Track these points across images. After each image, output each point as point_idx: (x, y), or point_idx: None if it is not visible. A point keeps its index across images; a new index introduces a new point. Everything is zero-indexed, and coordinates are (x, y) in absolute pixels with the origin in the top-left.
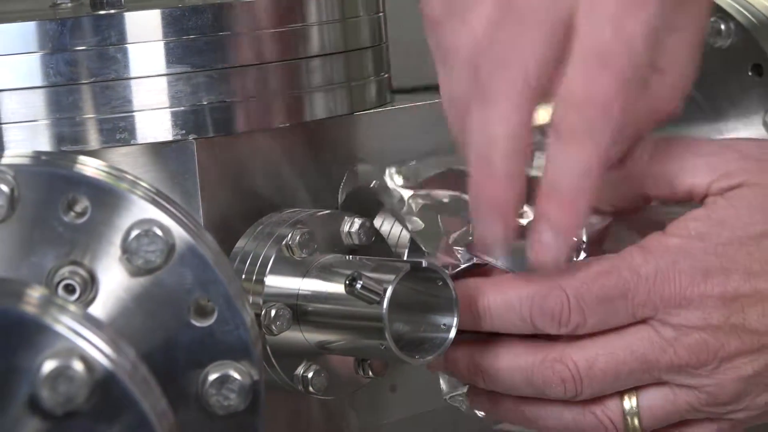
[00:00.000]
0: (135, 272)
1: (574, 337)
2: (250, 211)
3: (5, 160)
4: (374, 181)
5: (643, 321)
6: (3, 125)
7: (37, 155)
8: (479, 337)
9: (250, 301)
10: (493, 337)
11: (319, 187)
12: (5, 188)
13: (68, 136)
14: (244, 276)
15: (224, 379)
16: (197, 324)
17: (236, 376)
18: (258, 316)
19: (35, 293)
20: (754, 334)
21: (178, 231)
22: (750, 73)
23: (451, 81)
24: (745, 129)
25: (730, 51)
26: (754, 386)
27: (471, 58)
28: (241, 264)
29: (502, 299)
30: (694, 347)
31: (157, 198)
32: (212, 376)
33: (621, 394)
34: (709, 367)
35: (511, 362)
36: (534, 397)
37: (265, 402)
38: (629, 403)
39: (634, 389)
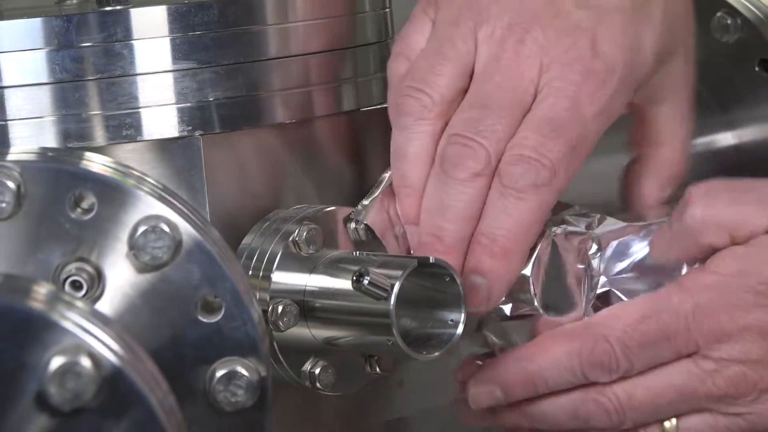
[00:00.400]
0: (142, 268)
1: None
2: (256, 208)
3: (12, 157)
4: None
5: (686, 355)
6: (9, 122)
7: (44, 151)
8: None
9: (257, 297)
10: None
11: (325, 182)
12: (12, 185)
13: (74, 133)
14: (250, 272)
15: (232, 376)
16: (204, 320)
17: (244, 372)
18: (265, 312)
19: (42, 290)
20: None
21: (185, 227)
22: (757, 69)
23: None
24: (751, 125)
25: (737, 46)
26: None
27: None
28: (247, 260)
29: (551, 361)
30: (734, 379)
31: (163, 194)
32: (220, 373)
33: (661, 421)
34: (749, 398)
35: (554, 402)
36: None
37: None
38: (670, 424)
39: (676, 417)
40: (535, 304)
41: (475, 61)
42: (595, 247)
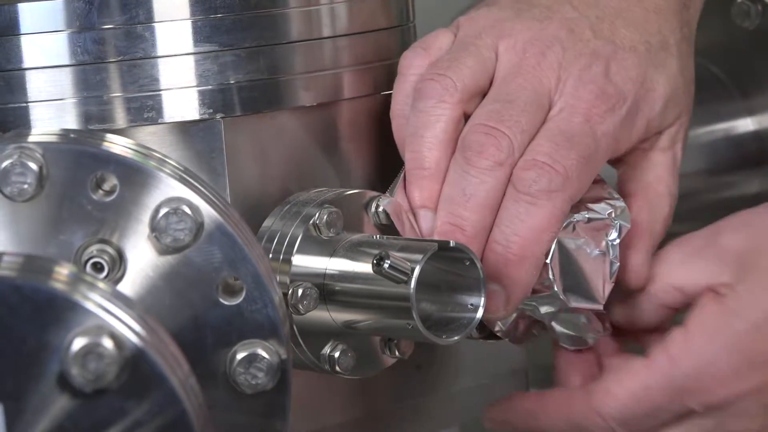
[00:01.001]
0: (163, 250)
1: None
2: (277, 190)
3: (34, 138)
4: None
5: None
6: (30, 104)
7: (66, 133)
8: None
9: (278, 280)
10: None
11: (346, 166)
12: (34, 166)
13: (96, 115)
14: (271, 255)
15: (252, 358)
16: (225, 303)
17: (264, 354)
18: (285, 295)
19: (64, 270)
20: None
21: (206, 209)
22: None
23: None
24: None
25: (758, 32)
26: None
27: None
28: (268, 243)
29: (551, 422)
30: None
31: (185, 176)
32: (240, 355)
33: None
34: None
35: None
36: None
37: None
38: None
39: None
40: (555, 289)
41: (496, 68)
42: (614, 234)
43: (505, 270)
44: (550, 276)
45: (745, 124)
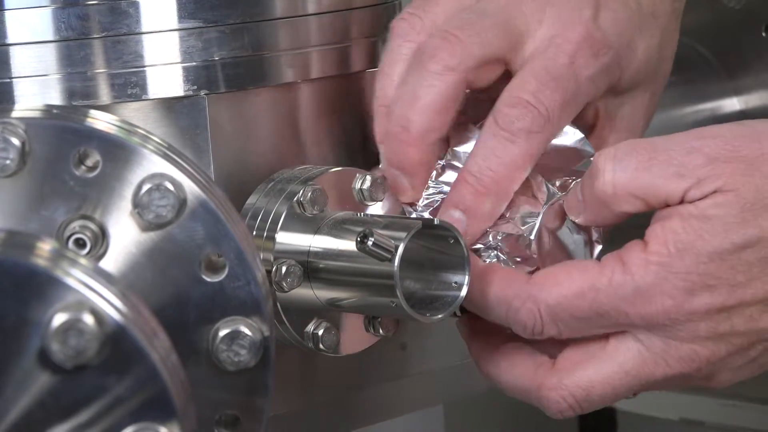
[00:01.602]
0: (146, 227)
1: (566, 361)
2: (261, 168)
3: (16, 114)
4: None
5: (629, 333)
6: (14, 79)
7: (49, 109)
8: (489, 340)
9: (261, 257)
10: (499, 347)
11: (331, 144)
12: (16, 141)
13: (79, 91)
14: (255, 232)
15: (235, 335)
16: (208, 279)
17: (247, 331)
18: (269, 272)
19: (46, 246)
20: (742, 335)
21: (189, 186)
22: (764, 34)
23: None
24: (758, 90)
25: (744, 12)
26: (745, 368)
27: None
28: (252, 220)
29: (492, 293)
30: (685, 358)
31: (168, 153)
32: (223, 332)
33: None
34: (703, 371)
35: (510, 382)
36: None
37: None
38: None
39: None
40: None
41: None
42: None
43: (472, 201)
44: (533, 249)
45: (732, 104)
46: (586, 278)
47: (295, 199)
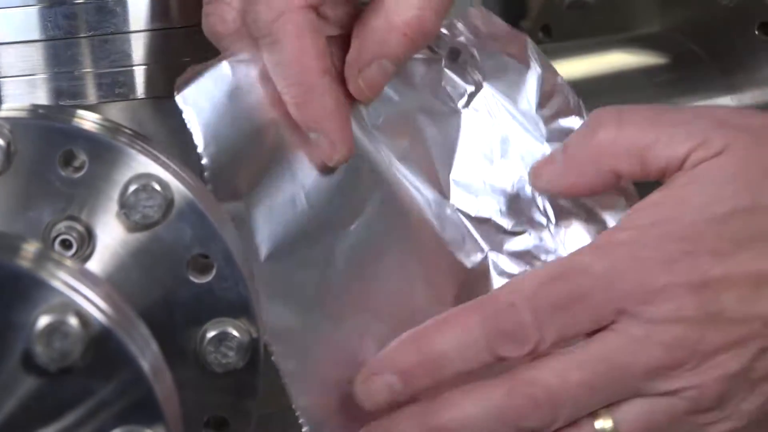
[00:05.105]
0: (133, 228)
1: (538, 359)
2: None
3: (2, 114)
4: None
5: (610, 326)
6: (1, 79)
7: (35, 108)
8: (421, 399)
9: None
10: (439, 392)
11: None
12: (2, 142)
13: (66, 91)
14: None
15: (223, 337)
16: (196, 281)
17: (235, 333)
18: None
19: (31, 248)
20: (734, 323)
21: (176, 186)
22: (757, 32)
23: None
24: (751, 89)
25: (738, 9)
26: (739, 387)
27: None
28: None
29: (454, 338)
30: (670, 344)
31: (155, 153)
32: (210, 334)
33: (594, 416)
34: (689, 366)
35: (476, 405)
36: None
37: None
38: (603, 423)
39: (608, 409)
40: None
41: None
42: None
43: (302, 114)
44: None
45: (725, 102)
46: (555, 266)
47: None
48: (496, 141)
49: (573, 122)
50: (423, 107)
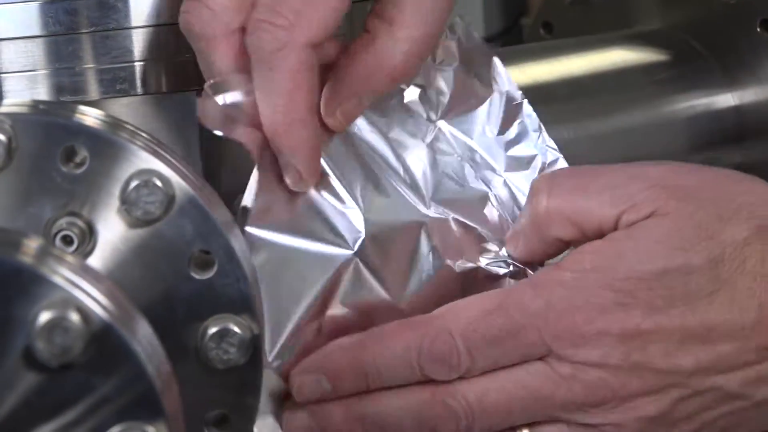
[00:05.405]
0: (134, 224)
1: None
2: (250, 164)
3: (3, 109)
4: None
5: (539, 358)
6: (2, 75)
7: (36, 104)
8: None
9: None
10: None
11: None
12: (3, 137)
13: (68, 86)
14: None
15: (224, 333)
16: (197, 277)
17: (236, 329)
18: None
19: (32, 243)
20: (657, 373)
21: (178, 182)
22: (758, 29)
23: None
24: (752, 86)
25: (739, 6)
26: (658, 427)
27: None
28: None
29: (388, 352)
30: (592, 385)
31: (157, 148)
32: (212, 330)
33: (515, 429)
34: (608, 406)
35: (399, 404)
36: None
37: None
38: None
39: (531, 427)
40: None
41: None
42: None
43: (280, 140)
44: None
45: (726, 100)
46: (493, 299)
47: None
48: (461, 174)
49: (530, 150)
50: (392, 137)
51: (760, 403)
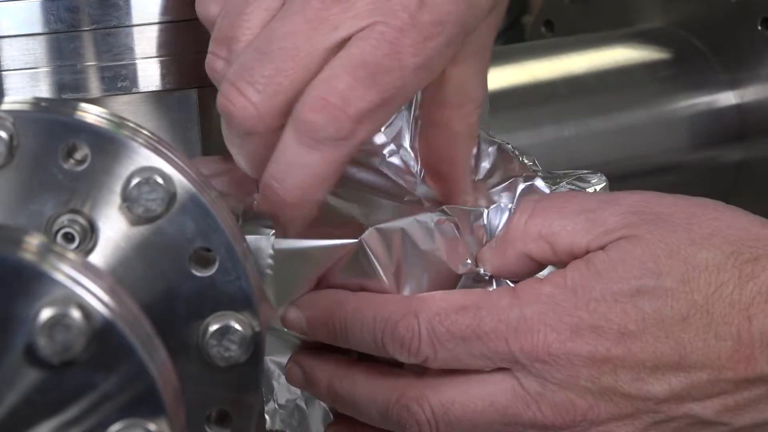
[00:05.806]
0: (135, 221)
1: (433, 374)
2: None
3: (4, 107)
4: None
5: (507, 369)
6: (3, 72)
7: (37, 101)
8: (341, 360)
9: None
10: (354, 363)
11: None
12: (4, 135)
13: (69, 84)
14: None
15: (225, 330)
16: (198, 274)
17: (237, 327)
18: None
19: (34, 240)
20: (627, 399)
21: (179, 179)
22: (760, 28)
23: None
24: (754, 84)
25: (740, 5)
26: None
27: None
28: None
29: (358, 316)
30: (560, 407)
31: (158, 146)
32: (213, 327)
33: None
34: (578, 429)
35: (369, 394)
36: None
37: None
38: None
39: None
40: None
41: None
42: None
43: (281, 211)
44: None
45: (727, 98)
46: (471, 296)
47: None
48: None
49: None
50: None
51: (739, 430)
